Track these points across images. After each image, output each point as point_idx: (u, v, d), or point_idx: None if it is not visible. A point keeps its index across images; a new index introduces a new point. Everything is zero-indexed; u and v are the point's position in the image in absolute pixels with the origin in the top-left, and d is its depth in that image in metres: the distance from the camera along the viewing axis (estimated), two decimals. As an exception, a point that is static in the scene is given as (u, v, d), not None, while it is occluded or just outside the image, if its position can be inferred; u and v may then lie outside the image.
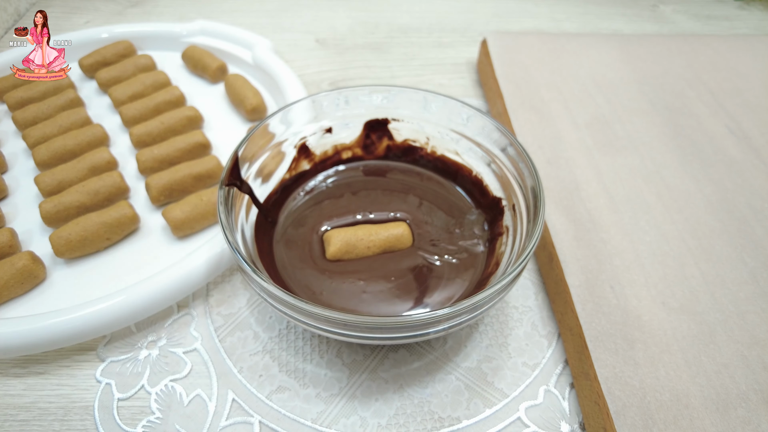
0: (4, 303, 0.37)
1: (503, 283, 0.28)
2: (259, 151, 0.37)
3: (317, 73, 0.62)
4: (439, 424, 0.32)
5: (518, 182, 0.35)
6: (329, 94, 0.40)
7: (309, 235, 0.38)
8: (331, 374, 0.34)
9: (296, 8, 0.74)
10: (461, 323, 0.29)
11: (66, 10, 0.72)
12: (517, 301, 0.39)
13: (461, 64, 0.64)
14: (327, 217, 0.39)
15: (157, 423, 0.32)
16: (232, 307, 0.38)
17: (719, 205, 0.41)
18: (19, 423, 0.32)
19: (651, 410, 0.29)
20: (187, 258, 0.38)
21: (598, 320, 0.33)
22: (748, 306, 0.34)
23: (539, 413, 0.32)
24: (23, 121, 0.50)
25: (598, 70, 0.54)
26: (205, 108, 0.53)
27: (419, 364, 0.35)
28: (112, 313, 0.34)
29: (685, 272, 0.36)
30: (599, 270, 0.36)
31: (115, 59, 0.58)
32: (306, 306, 0.27)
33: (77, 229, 0.39)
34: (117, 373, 0.34)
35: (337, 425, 0.32)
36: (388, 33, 0.69)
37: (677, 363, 0.31)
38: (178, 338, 0.36)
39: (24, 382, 0.34)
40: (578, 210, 0.40)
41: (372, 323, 0.27)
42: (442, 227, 0.38)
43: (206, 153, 0.48)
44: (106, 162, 0.45)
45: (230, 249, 0.30)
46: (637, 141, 0.46)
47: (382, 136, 0.43)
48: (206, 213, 0.41)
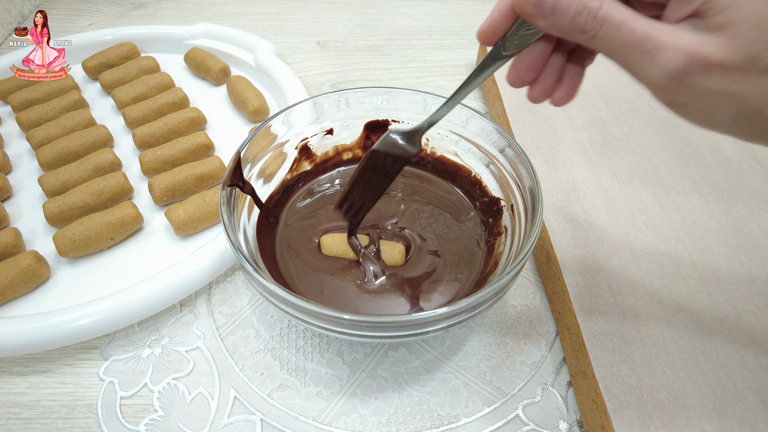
0: (9, 302, 0.38)
1: (502, 283, 0.28)
2: (261, 152, 0.38)
3: (318, 75, 0.62)
4: (438, 422, 0.32)
5: (517, 183, 0.36)
6: (330, 95, 0.40)
7: (309, 236, 0.38)
8: (332, 372, 0.35)
9: (297, 11, 0.75)
10: (460, 322, 0.29)
11: (70, 12, 0.73)
12: (516, 300, 0.39)
13: (460, 66, 0.65)
14: (327, 218, 0.39)
15: (160, 421, 0.32)
16: (234, 306, 0.38)
17: (716, 205, 0.41)
18: (23, 421, 0.32)
19: (648, 408, 0.29)
20: (189, 257, 0.38)
21: (595, 319, 0.33)
22: (745, 305, 0.34)
23: (537, 411, 0.33)
24: (27, 122, 0.51)
25: (596, 72, 0.54)
26: (208, 109, 0.53)
27: (419, 362, 0.35)
28: (115, 312, 0.35)
29: (682, 272, 0.36)
30: (597, 269, 0.36)
31: (118, 61, 0.58)
32: (307, 305, 0.27)
33: (81, 229, 0.40)
34: (120, 371, 0.34)
35: (338, 423, 0.32)
36: (388, 36, 0.70)
37: (674, 362, 0.31)
38: (180, 337, 0.36)
39: (28, 381, 0.34)
40: (576, 210, 0.40)
41: (372, 322, 0.28)
42: (441, 227, 0.39)
43: (209, 154, 0.49)
44: (109, 163, 0.46)
45: (232, 248, 0.30)
46: (634, 142, 0.47)
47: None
48: (209, 213, 0.42)
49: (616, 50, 0.22)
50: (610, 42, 0.22)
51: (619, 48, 0.22)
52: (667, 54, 0.20)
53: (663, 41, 0.21)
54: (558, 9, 0.22)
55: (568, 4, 0.22)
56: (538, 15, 0.23)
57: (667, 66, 0.20)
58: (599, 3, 0.22)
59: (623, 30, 0.21)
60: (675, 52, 0.20)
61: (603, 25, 0.22)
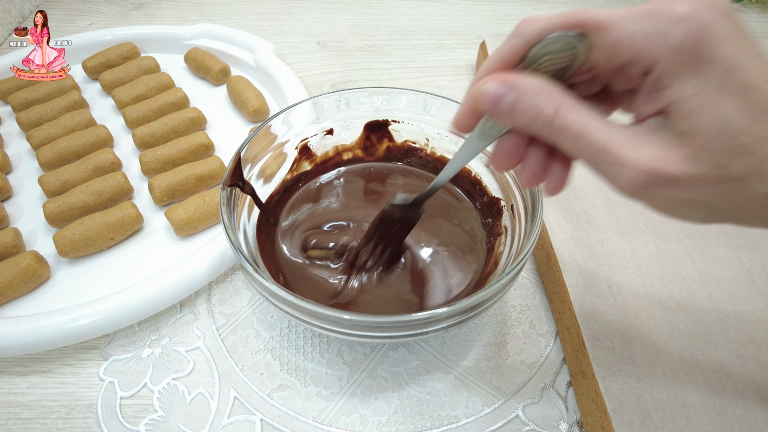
0: (8, 302, 0.38)
1: (501, 283, 0.28)
2: (261, 152, 0.38)
3: (318, 75, 0.62)
4: (438, 422, 0.32)
5: (516, 183, 0.35)
6: (330, 96, 0.40)
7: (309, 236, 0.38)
8: (332, 373, 0.35)
9: (298, 11, 0.75)
10: (460, 322, 0.29)
11: (70, 12, 0.73)
12: (516, 300, 0.39)
13: (460, 67, 0.65)
14: (327, 218, 0.39)
15: (160, 421, 0.32)
16: (234, 306, 0.38)
17: (716, 206, 0.41)
18: (23, 421, 0.32)
19: (648, 408, 0.29)
20: (189, 257, 0.38)
21: (595, 319, 0.33)
22: (745, 306, 0.34)
23: (537, 411, 0.33)
24: (27, 122, 0.51)
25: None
26: (208, 109, 0.53)
27: (418, 362, 0.35)
28: (115, 312, 0.35)
29: (682, 272, 0.36)
30: (597, 269, 0.36)
31: (118, 61, 0.58)
32: (307, 305, 0.27)
33: (81, 229, 0.40)
34: (120, 371, 0.34)
35: (338, 423, 0.32)
36: (389, 36, 0.70)
37: (674, 362, 0.31)
38: (180, 337, 0.36)
39: (28, 381, 0.34)
40: (576, 210, 0.40)
41: (372, 322, 0.28)
42: (441, 227, 0.39)
43: (209, 154, 0.49)
44: (109, 163, 0.46)
45: (232, 249, 0.30)
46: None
47: (382, 137, 0.43)
48: (209, 213, 0.42)
49: (578, 157, 0.21)
50: (570, 150, 0.21)
51: (580, 156, 0.21)
52: (627, 171, 0.20)
53: (622, 157, 0.20)
54: (514, 112, 0.21)
55: (523, 109, 0.21)
56: (495, 113, 0.22)
57: (629, 182, 0.20)
58: (555, 109, 0.21)
59: (581, 142, 0.20)
60: (634, 170, 0.19)
61: (561, 135, 0.21)
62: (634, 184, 0.20)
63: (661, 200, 0.21)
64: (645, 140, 0.20)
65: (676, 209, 0.21)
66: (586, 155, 0.21)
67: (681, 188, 0.20)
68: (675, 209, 0.21)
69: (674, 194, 0.20)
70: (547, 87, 0.21)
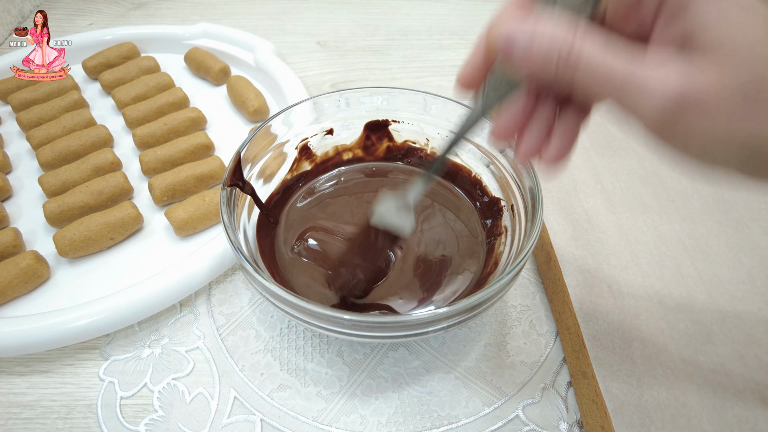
0: (8, 302, 0.38)
1: (502, 283, 0.28)
2: (261, 152, 0.38)
3: (318, 75, 0.62)
4: (438, 422, 0.32)
5: (517, 183, 0.36)
6: (330, 96, 0.40)
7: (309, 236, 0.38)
8: (332, 373, 0.35)
9: (298, 11, 0.75)
10: (460, 322, 0.29)
11: (69, 12, 0.73)
12: (516, 300, 0.39)
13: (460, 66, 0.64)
14: (327, 218, 0.39)
15: (160, 421, 0.32)
16: (234, 306, 0.38)
17: (716, 205, 0.41)
18: (23, 421, 0.32)
19: (648, 408, 0.29)
20: (189, 257, 0.38)
21: (595, 319, 0.33)
22: (745, 306, 0.34)
23: (537, 412, 0.33)
24: (27, 122, 0.51)
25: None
26: (208, 109, 0.53)
27: (419, 362, 0.35)
28: (115, 312, 0.35)
29: (682, 272, 0.36)
30: (597, 269, 0.36)
31: (118, 61, 0.58)
32: (307, 305, 0.27)
33: (81, 229, 0.40)
34: (120, 371, 0.34)
35: (338, 423, 0.32)
36: (389, 36, 0.70)
37: (674, 362, 0.31)
38: (180, 337, 0.36)
39: (27, 381, 0.34)
40: (576, 210, 0.40)
41: (372, 322, 0.28)
42: (440, 227, 0.39)
43: (209, 154, 0.49)
44: (109, 163, 0.46)
45: (232, 249, 0.30)
46: (634, 142, 0.47)
47: (382, 137, 0.43)
48: (209, 213, 0.42)
49: (598, 95, 0.20)
50: (589, 88, 0.20)
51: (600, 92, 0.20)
52: (655, 97, 0.18)
53: (649, 83, 0.18)
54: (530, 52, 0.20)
55: (539, 45, 0.20)
56: (509, 55, 0.21)
57: (659, 110, 0.18)
58: (572, 41, 0.19)
59: (600, 74, 0.19)
60: (662, 96, 0.18)
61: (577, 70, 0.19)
62: (665, 111, 0.18)
63: (692, 136, 0.19)
64: (671, 63, 0.18)
65: (710, 148, 0.19)
66: (609, 88, 0.19)
67: (716, 115, 0.18)
68: (709, 148, 0.19)
69: (708, 125, 0.18)
70: (563, 22, 0.20)
